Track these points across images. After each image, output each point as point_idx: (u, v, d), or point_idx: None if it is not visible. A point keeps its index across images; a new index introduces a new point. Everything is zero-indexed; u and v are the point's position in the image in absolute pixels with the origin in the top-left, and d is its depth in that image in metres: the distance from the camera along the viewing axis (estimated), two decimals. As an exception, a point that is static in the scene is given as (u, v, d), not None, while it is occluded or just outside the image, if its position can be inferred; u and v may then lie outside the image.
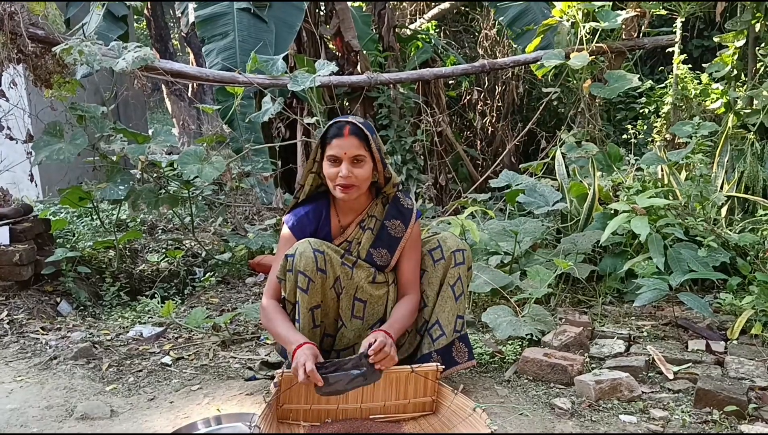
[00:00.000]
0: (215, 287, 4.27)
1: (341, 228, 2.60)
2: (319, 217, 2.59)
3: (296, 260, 2.40)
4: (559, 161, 4.48)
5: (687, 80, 5.58)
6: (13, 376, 3.03)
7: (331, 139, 2.46)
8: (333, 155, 2.45)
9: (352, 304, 2.55)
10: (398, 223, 2.59)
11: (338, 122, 2.49)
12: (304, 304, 2.42)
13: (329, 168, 2.47)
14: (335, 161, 2.45)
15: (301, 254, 2.40)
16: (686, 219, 3.56)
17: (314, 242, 2.45)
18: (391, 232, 2.58)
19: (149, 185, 4.28)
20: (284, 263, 2.44)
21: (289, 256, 2.43)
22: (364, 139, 2.46)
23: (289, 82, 4.44)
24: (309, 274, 2.40)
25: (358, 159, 2.45)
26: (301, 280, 2.39)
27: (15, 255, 3.79)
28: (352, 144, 2.44)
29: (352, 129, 2.45)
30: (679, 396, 2.54)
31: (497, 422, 2.39)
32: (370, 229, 2.59)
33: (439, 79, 6.64)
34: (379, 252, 2.58)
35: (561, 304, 3.55)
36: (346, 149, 2.43)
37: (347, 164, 2.44)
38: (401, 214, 2.60)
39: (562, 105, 7.24)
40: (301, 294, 2.41)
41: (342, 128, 2.45)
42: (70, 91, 4.12)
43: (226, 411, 2.54)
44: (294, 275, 2.41)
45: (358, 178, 2.46)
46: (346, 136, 2.44)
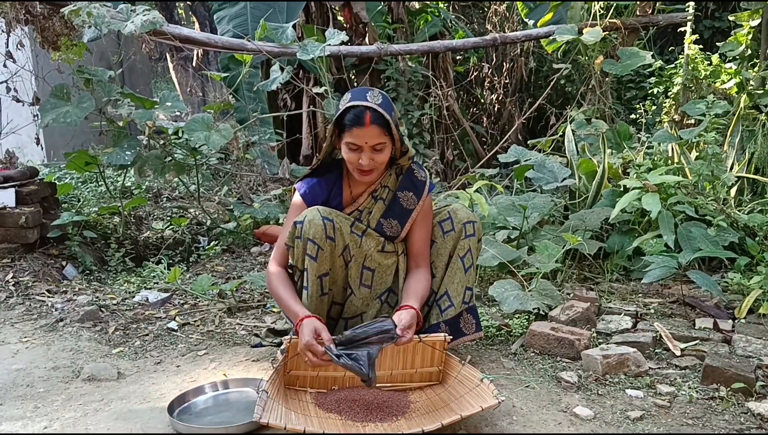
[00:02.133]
0: (220, 256, 4.26)
1: (353, 197, 2.57)
2: (331, 186, 2.55)
3: (305, 227, 2.38)
4: (569, 138, 4.45)
5: (698, 61, 5.52)
6: (19, 337, 3.03)
7: (350, 126, 2.36)
8: (353, 143, 2.37)
9: (360, 273, 2.54)
10: (411, 194, 2.56)
11: (357, 107, 2.36)
12: (312, 271, 2.41)
13: (349, 153, 2.40)
14: (356, 149, 2.38)
15: (310, 222, 2.38)
16: (696, 198, 3.54)
17: (323, 210, 2.42)
18: (403, 203, 2.55)
19: (156, 151, 4.26)
20: (293, 230, 2.41)
21: (297, 223, 2.40)
22: (386, 126, 2.37)
23: (298, 50, 4.39)
24: (318, 242, 2.38)
25: (378, 147, 2.38)
26: (310, 247, 2.38)
27: (21, 217, 3.78)
28: (374, 133, 2.35)
29: (373, 117, 2.34)
30: (686, 372, 2.54)
31: (504, 394, 2.38)
32: (382, 199, 2.56)
33: (447, 54, 6.58)
34: (389, 222, 2.56)
35: (568, 280, 3.54)
36: (367, 139, 2.35)
37: (368, 152, 2.37)
38: (414, 186, 2.57)
39: (570, 83, 7.18)
40: (310, 261, 2.39)
41: (362, 116, 2.34)
42: (77, 54, 4.08)
43: (233, 376, 2.55)
44: (303, 242, 2.39)
45: (379, 163, 2.42)
46: (367, 125, 2.34)
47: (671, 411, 2.28)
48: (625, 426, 2.18)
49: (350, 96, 2.43)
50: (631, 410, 2.27)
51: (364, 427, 2.11)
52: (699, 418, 2.23)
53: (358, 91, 2.45)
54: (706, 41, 7.10)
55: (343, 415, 2.19)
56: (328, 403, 2.27)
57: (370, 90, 2.43)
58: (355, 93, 2.44)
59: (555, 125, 5.69)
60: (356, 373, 2.10)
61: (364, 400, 2.27)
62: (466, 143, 6.70)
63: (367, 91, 2.42)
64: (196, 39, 4.68)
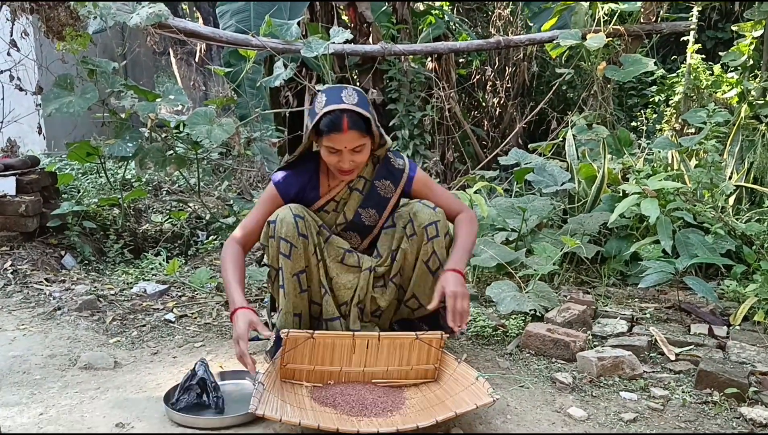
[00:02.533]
0: (218, 250, 4.26)
1: (330, 189, 2.57)
2: (307, 178, 2.54)
3: (277, 226, 2.39)
4: (570, 142, 4.46)
5: (700, 70, 5.55)
6: (17, 324, 3.04)
7: (328, 132, 2.33)
8: (332, 147, 2.36)
9: (327, 277, 2.52)
10: (388, 183, 2.56)
11: (333, 112, 2.33)
12: (287, 269, 2.42)
13: (328, 155, 2.39)
14: (335, 152, 2.37)
15: (282, 220, 2.39)
16: (695, 205, 3.55)
17: (295, 208, 2.43)
18: (380, 192, 2.56)
19: (157, 144, 4.26)
20: (266, 230, 2.43)
21: (270, 222, 2.41)
22: (364, 127, 2.36)
23: (302, 47, 4.40)
24: (291, 240, 2.39)
25: (358, 148, 2.37)
26: (284, 246, 2.39)
27: (21, 206, 3.79)
28: (352, 137, 2.34)
29: (351, 122, 2.32)
30: (680, 377, 2.55)
31: (498, 393, 2.40)
32: (358, 189, 2.56)
33: (450, 56, 6.59)
34: (367, 212, 2.57)
35: (565, 283, 3.55)
36: (346, 143, 2.34)
37: (348, 155, 2.37)
38: (391, 174, 2.57)
39: (572, 89, 7.20)
40: (284, 260, 2.40)
41: (339, 122, 2.31)
42: (81, 44, 4.08)
43: (229, 368, 2.56)
44: (276, 241, 2.40)
45: (359, 163, 2.42)
46: (346, 131, 2.32)
47: (664, 414, 2.29)
48: (618, 428, 2.20)
49: (325, 98, 2.37)
50: (624, 412, 2.28)
51: (358, 422, 2.12)
52: (692, 421, 2.24)
53: (332, 91, 2.40)
54: (708, 51, 7.12)
55: (338, 409, 2.20)
56: (323, 397, 2.28)
57: (344, 88, 2.40)
58: (330, 94, 2.39)
59: (556, 130, 5.71)
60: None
61: (359, 396, 2.28)
62: (467, 145, 6.72)
63: (341, 90, 2.38)
64: (201, 33, 4.69)
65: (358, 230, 2.61)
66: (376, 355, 2.41)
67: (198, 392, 2.26)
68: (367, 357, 2.40)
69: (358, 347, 2.39)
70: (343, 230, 2.60)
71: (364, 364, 2.41)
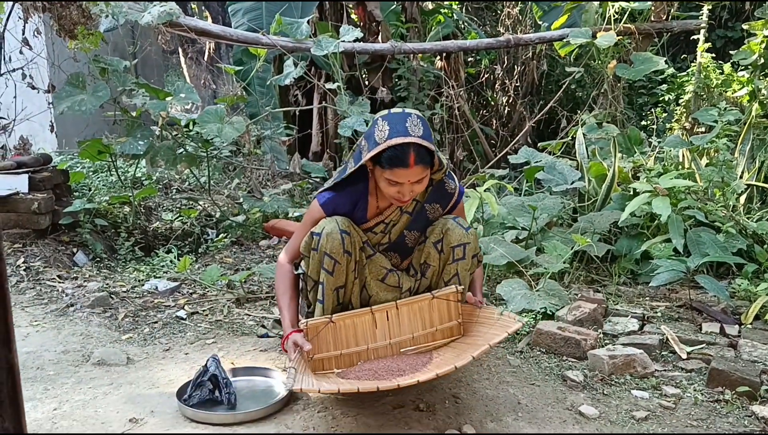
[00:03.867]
0: (229, 248, 4.28)
1: (380, 210, 2.46)
2: (356, 198, 2.43)
3: (322, 241, 2.30)
4: (580, 141, 4.45)
5: (710, 69, 5.52)
6: (30, 320, 3.06)
7: (392, 166, 2.20)
8: (394, 181, 2.24)
9: (359, 294, 2.47)
10: (438, 206, 2.48)
11: (401, 146, 2.18)
12: (329, 285, 2.36)
13: (387, 186, 2.27)
14: (396, 184, 2.25)
15: (328, 235, 2.30)
16: (706, 204, 3.54)
17: (342, 222, 2.33)
18: (429, 215, 2.48)
19: (168, 142, 4.28)
20: (309, 240, 2.35)
21: (315, 234, 2.33)
22: (429, 161, 2.25)
23: (312, 46, 4.41)
24: (335, 256, 2.31)
25: (420, 181, 2.27)
26: (327, 262, 2.31)
27: (33, 203, 3.81)
28: (417, 172, 2.22)
29: (417, 157, 2.19)
30: (691, 375, 2.55)
31: (509, 391, 2.41)
32: (408, 212, 2.47)
33: (460, 55, 6.59)
34: (412, 234, 2.50)
35: (575, 282, 3.55)
36: (410, 177, 2.22)
37: (409, 187, 2.25)
38: (442, 198, 2.49)
39: (581, 88, 7.18)
40: (327, 276, 2.34)
41: (406, 158, 2.18)
42: (93, 43, 4.11)
43: (240, 365, 2.57)
44: (319, 255, 2.32)
45: (417, 193, 2.32)
46: (412, 166, 2.19)
47: (676, 412, 2.29)
48: (630, 426, 2.20)
49: (388, 128, 2.23)
50: (636, 410, 2.29)
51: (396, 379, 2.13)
52: (703, 419, 2.24)
53: (395, 118, 2.25)
54: (718, 50, 7.10)
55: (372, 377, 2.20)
56: (353, 372, 2.29)
57: (408, 116, 2.25)
58: (393, 122, 2.24)
59: (565, 128, 5.69)
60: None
61: (389, 366, 2.28)
62: (476, 144, 6.72)
63: (405, 118, 2.24)
64: (212, 31, 4.71)
65: (400, 251, 2.53)
66: (399, 325, 2.41)
67: (210, 388, 2.27)
68: (390, 329, 2.40)
69: (379, 321, 2.39)
70: (385, 250, 2.52)
71: (389, 337, 2.41)
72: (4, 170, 3.93)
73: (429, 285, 2.50)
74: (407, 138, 2.19)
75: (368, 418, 2.19)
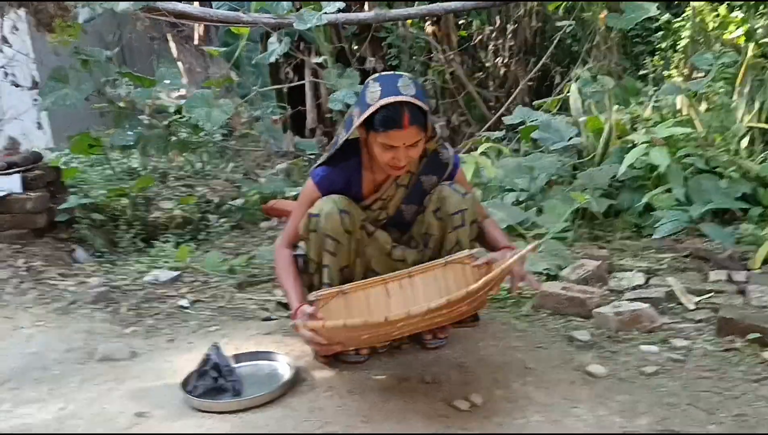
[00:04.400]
0: (229, 232, 4.25)
1: (376, 185, 2.40)
2: (349, 174, 2.37)
3: (322, 222, 2.25)
4: (575, 96, 4.37)
5: (705, 13, 5.41)
6: (33, 321, 3.05)
7: (386, 128, 2.14)
8: (388, 144, 2.16)
9: (364, 273, 2.41)
10: (434, 178, 2.40)
11: (394, 106, 2.12)
12: (334, 267, 2.31)
13: (381, 152, 2.19)
14: (390, 149, 2.18)
15: (327, 215, 2.24)
16: (706, 150, 3.48)
17: (340, 201, 2.27)
18: (425, 187, 2.40)
19: (158, 131, 4.23)
20: (307, 222, 2.29)
21: (313, 215, 2.27)
22: (423, 121, 2.18)
23: (295, 20, 4.32)
24: (337, 237, 2.26)
25: (415, 144, 2.19)
26: (329, 243, 2.27)
27: (28, 202, 3.79)
28: (412, 133, 2.15)
29: (412, 117, 2.13)
30: (700, 326, 2.52)
31: (516, 356, 2.38)
32: (403, 185, 2.40)
33: (449, 18, 6.49)
34: (409, 208, 2.43)
35: (578, 240, 3.50)
36: (404, 140, 2.15)
37: (404, 150, 2.18)
38: (438, 168, 2.41)
39: (576, 42, 7.07)
40: (330, 257, 2.29)
41: (400, 118, 2.12)
42: (73, 35, 4.04)
43: (245, 350, 2.55)
44: (319, 237, 2.27)
45: (414, 158, 2.26)
46: (406, 126, 2.13)
47: (686, 364, 2.26)
48: (639, 381, 2.17)
49: (380, 88, 2.17)
50: (645, 366, 2.26)
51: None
52: (715, 370, 2.21)
53: (387, 79, 2.21)
54: (713, -9, 6.95)
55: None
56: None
57: (399, 77, 2.20)
58: (384, 83, 2.19)
59: (561, 85, 5.61)
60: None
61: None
62: (473, 108, 6.64)
63: (397, 79, 2.18)
64: (191, 14, 4.62)
65: (399, 225, 2.47)
66: (413, 294, 2.30)
67: (214, 376, 2.26)
68: (405, 299, 2.29)
69: (392, 292, 2.31)
70: (383, 226, 2.45)
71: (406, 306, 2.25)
72: (-6, 172, 3.90)
73: (431, 256, 2.43)
74: (399, 97, 2.13)
75: (373, 394, 2.17)
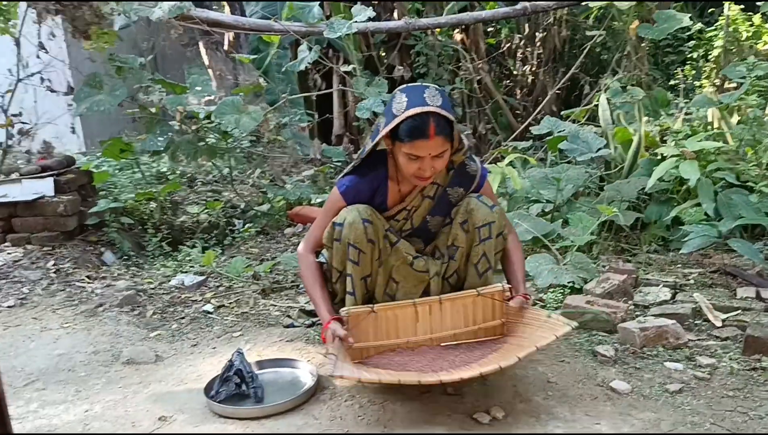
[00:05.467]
0: (254, 238, 4.29)
1: (401, 196, 2.41)
2: (376, 184, 2.38)
3: (345, 231, 2.27)
4: (604, 107, 4.33)
5: (738, 22, 5.32)
6: (60, 322, 3.11)
7: (412, 138, 2.16)
8: (414, 154, 2.19)
9: (386, 281, 2.43)
10: (461, 190, 2.42)
11: (420, 116, 2.15)
12: (356, 275, 2.34)
13: (407, 162, 2.21)
14: (416, 159, 2.20)
15: (351, 225, 2.27)
16: (737, 164, 3.42)
17: (363, 211, 2.29)
18: (452, 199, 2.42)
19: (188, 136, 4.29)
20: (331, 231, 2.32)
21: (336, 224, 2.30)
22: (449, 132, 2.21)
23: (325, 29, 4.35)
24: (360, 246, 2.28)
25: (441, 155, 2.21)
26: (352, 252, 2.29)
27: (60, 205, 3.87)
28: (438, 143, 2.17)
29: (438, 127, 2.15)
30: (726, 343, 2.48)
31: (538, 369, 2.36)
32: (429, 197, 2.41)
33: (478, 26, 6.47)
34: (435, 219, 2.44)
35: (604, 253, 3.47)
36: (431, 150, 2.17)
37: (430, 161, 2.20)
38: (465, 181, 2.42)
39: (605, 51, 6.99)
40: (353, 266, 2.32)
41: (426, 128, 2.14)
42: (108, 42, 4.11)
43: (267, 357, 2.57)
44: (343, 246, 2.30)
45: (439, 169, 2.27)
46: (432, 137, 2.15)
47: (711, 383, 2.23)
48: (663, 399, 2.14)
49: (406, 99, 2.19)
50: (669, 383, 2.23)
51: (438, 375, 2.12)
52: (740, 389, 2.17)
53: (413, 90, 2.22)
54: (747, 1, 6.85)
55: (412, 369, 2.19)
56: (395, 363, 2.27)
57: (426, 88, 2.22)
58: (411, 94, 2.21)
59: (589, 95, 5.56)
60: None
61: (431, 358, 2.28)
62: (500, 116, 6.61)
63: (423, 90, 2.20)
64: (224, 22, 4.68)
65: (423, 236, 2.49)
66: (441, 320, 2.37)
67: (237, 382, 2.28)
68: (431, 323, 2.37)
69: (421, 315, 2.36)
70: (407, 236, 2.47)
71: (431, 332, 2.38)
72: (29, 175, 3.99)
73: (458, 267, 2.44)
74: (426, 107, 2.16)
75: (395, 404, 2.17)
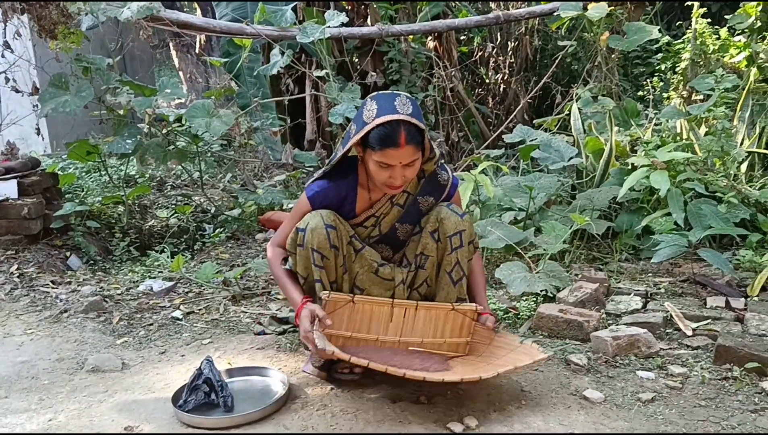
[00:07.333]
0: (225, 243, 4.23)
1: (370, 202, 2.40)
2: (345, 191, 2.37)
3: (308, 237, 2.25)
4: (575, 116, 4.36)
5: (706, 35, 5.42)
6: (24, 329, 3.02)
7: (382, 146, 2.14)
8: (384, 163, 2.18)
9: (351, 289, 2.40)
10: (431, 199, 2.41)
11: (390, 124, 2.13)
12: (325, 280, 2.30)
13: (378, 170, 2.20)
14: (387, 168, 2.19)
15: (313, 230, 2.24)
16: (706, 174, 3.47)
17: (327, 216, 2.27)
18: (422, 208, 2.41)
19: (157, 139, 4.21)
20: (294, 236, 2.29)
21: (300, 229, 2.27)
22: (420, 141, 2.20)
23: (298, 33, 4.32)
24: (323, 251, 2.26)
25: (411, 163, 2.20)
26: (316, 257, 2.26)
27: (23, 208, 3.77)
28: (409, 152, 2.16)
29: (408, 136, 2.14)
30: (698, 352, 2.50)
31: (511, 378, 2.36)
32: (399, 204, 2.40)
33: (451, 34, 6.48)
34: (404, 227, 2.43)
35: (576, 261, 3.49)
36: (401, 159, 2.16)
37: (401, 170, 2.19)
38: (435, 190, 2.41)
39: (576, 61, 7.07)
40: (320, 271, 2.29)
41: (396, 136, 2.13)
42: (75, 42, 4.02)
43: (237, 365, 2.53)
44: (306, 252, 2.27)
45: (410, 178, 2.25)
46: (403, 145, 2.13)
47: (683, 392, 2.24)
48: (636, 408, 2.15)
49: (376, 106, 2.19)
50: (642, 392, 2.23)
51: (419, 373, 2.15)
52: (712, 399, 2.19)
53: (384, 98, 2.21)
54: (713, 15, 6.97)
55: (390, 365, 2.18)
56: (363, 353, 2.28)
57: (396, 96, 2.21)
58: (381, 101, 2.20)
59: (561, 104, 5.60)
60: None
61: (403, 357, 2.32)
62: (472, 124, 6.63)
63: (394, 98, 2.19)
64: (194, 24, 4.62)
65: (391, 243, 2.47)
66: (412, 326, 2.39)
67: (206, 391, 2.23)
68: (403, 327, 2.39)
69: (395, 316, 2.37)
70: (375, 242, 2.45)
71: (400, 334, 2.39)
72: (-8, 177, 3.88)
73: (428, 276, 2.43)
74: (396, 115, 2.15)
75: (367, 413, 2.14)
